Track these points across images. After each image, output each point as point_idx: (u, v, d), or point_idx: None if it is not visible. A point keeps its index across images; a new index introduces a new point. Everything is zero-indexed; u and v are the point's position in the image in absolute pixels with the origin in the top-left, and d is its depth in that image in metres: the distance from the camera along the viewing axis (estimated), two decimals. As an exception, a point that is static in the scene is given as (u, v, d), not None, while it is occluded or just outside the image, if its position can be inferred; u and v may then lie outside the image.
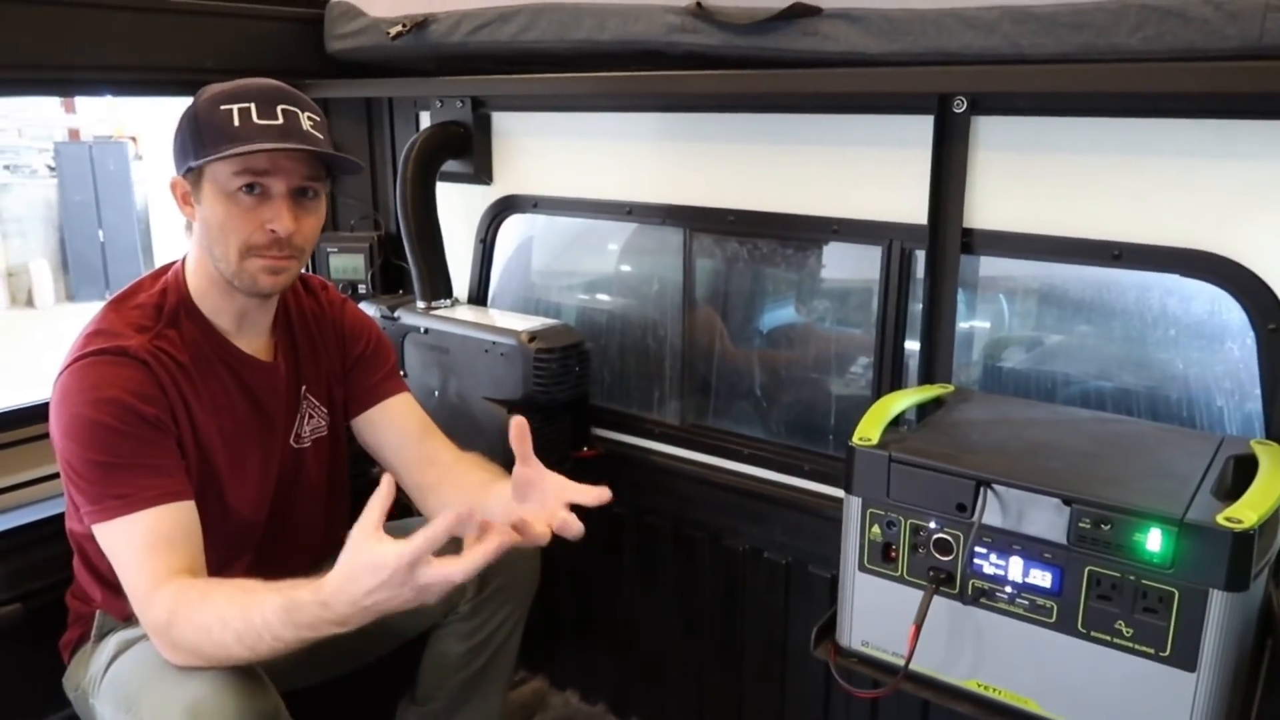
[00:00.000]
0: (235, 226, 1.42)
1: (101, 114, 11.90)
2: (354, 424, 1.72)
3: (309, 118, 1.44)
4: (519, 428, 1.36)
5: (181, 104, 1.48)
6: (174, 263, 1.55)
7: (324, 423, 1.67)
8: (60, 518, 1.61)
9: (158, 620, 1.31)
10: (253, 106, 1.40)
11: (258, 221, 1.42)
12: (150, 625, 1.33)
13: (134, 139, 11.13)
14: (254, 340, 1.57)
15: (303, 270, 1.59)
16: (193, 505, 1.41)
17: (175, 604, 1.30)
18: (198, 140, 1.41)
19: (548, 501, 1.35)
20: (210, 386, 1.50)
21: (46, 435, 1.91)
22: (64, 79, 1.92)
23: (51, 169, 11.06)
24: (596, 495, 1.33)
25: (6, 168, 11.24)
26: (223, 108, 1.40)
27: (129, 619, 1.54)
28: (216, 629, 1.27)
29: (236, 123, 1.39)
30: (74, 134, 11.91)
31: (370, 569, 1.18)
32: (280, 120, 1.40)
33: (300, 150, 1.41)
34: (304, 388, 1.64)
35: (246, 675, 1.33)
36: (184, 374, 1.46)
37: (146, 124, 10.73)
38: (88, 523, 1.38)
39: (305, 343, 1.65)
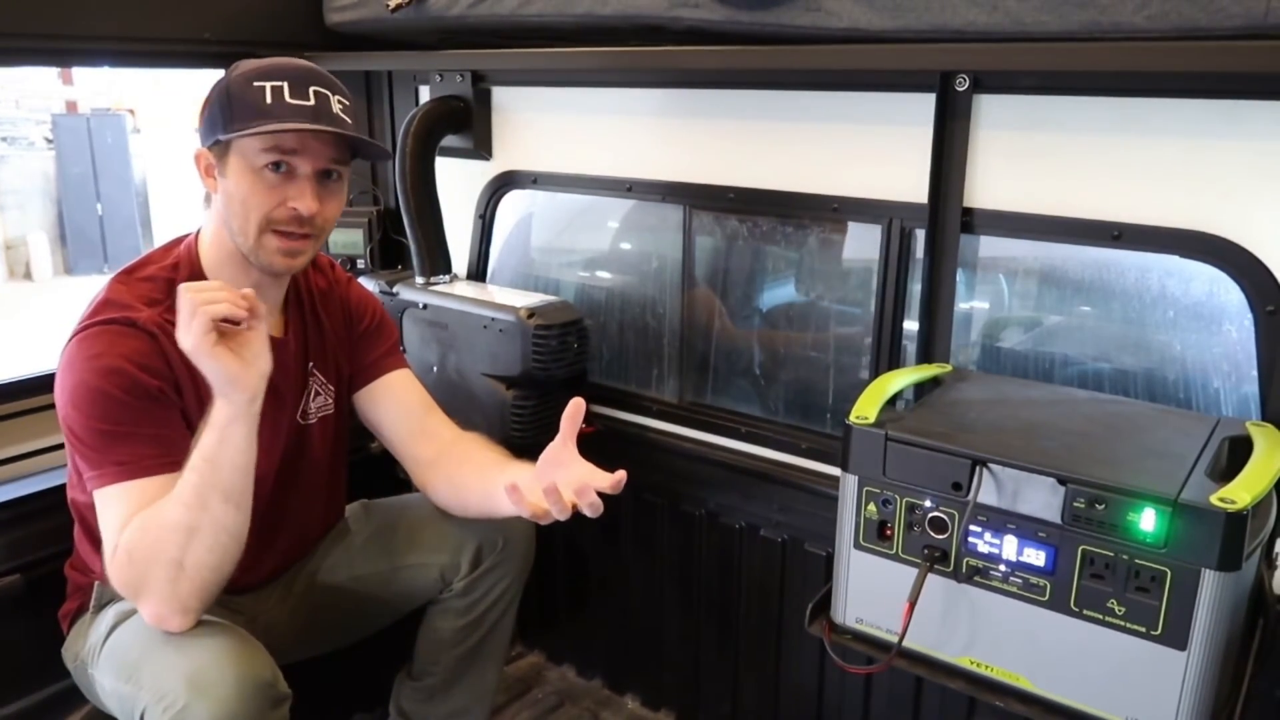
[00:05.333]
0: (258, 202, 1.42)
1: (99, 86, 11.81)
2: (355, 399, 1.73)
3: (339, 101, 1.45)
4: (576, 406, 1.40)
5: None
6: (186, 236, 1.55)
7: (330, 399, 1.68)
8: (60, 489, 1.62)
9: (119, 569, 1.34)
10: (286, 85, 1.40)
11: (280, 198, 1.43)
12: (118, 578, 1.36)
13: (132, 112, 11.06)
14: (266, 317, 1.57)
15: (314, 256, 1.59)
16: None
17: (129, 533, 1.33)
18: (228, 114, 1.41)
19: (573, 483, 1.37)
20: None
21: (46, 407, 1.92)
22: (61, 49, 1.90)
23: (49, 141, 10.98)
24: (616, 480, 1.36)
25: (4, 139, 11.16)
26: (256, 84, 1.40)
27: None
28: (156, 521, 1.32)
29: (269, 100, 1.39)
30: (71, 106, 11.83)
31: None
32: (312, 101, 1.41)
33: (329, 132, 1.42)
34: (311, 364, 1.64)
35: (246, 645, 1.34)
36: None
37: (144, 97, 10.67)
38: (90, 488, 1.39)
39: (314, 320, 1.66)
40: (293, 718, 1.38)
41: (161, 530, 1.31)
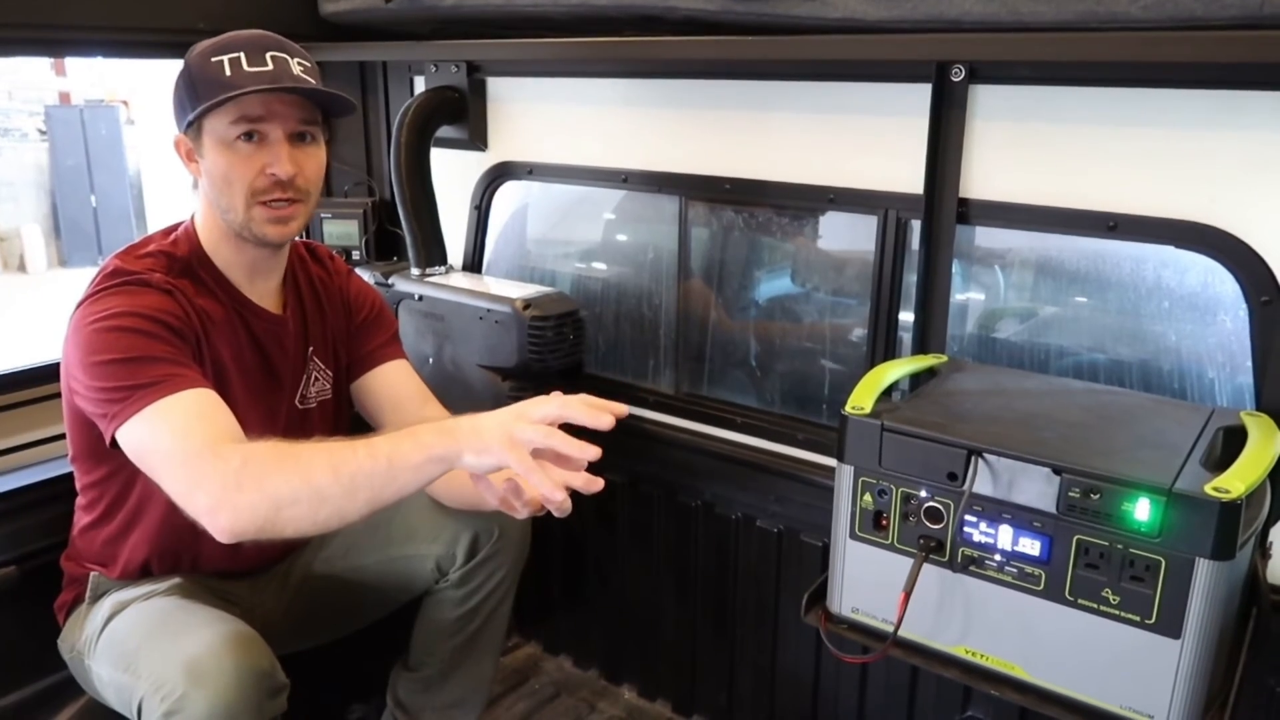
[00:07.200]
0: (237, 175, 1.43)
1: (93, 77, 11.77)
2: (352, 389, 1.73)
3: (299, 63, 1.45)
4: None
5: (174, 66, 1.48)
6: (182, 222, 1.56)
7: (328, 385, 1.68)
8: (55, 481, 1.62)
9: (227, 465, 1.23)
10: (242, 55, 1.41)
11: (258, 167, 1.43)
12: (215, 473, 1.23)
13: (125, 103, 11.03)
14: (265, 294, 1.58)
15: (308, 221, 1.57)
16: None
17: (254, 448, 1.26)
18: (193, 94, 1.42)
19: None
20: (225, 334, 1.50)
21: (40, 399, 1.92)
22: (54, 39, 1.89)
23: (42, 133, 10.95)
24: (588, 481, 1.26)
25: (-3, 131, 11.15)
26: (213, 60, 1.41)
27: (123, 580, 1.55)
28: (307, 458, 1.23)
29: (228, 73, 1.40)
30: (65, 97, 11.78)
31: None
32: (270, 66, 1.42)
33: (292, 92, 1.42)
34: (311, 349, 1.65)
35: (244, 635, 1.34)
36: (203, 316, 1.47)
37: (138, 88, 10.64)
38: (113, 429, 1.31)
39: (313, 306, 1.67)
40: (290, 708, 1.38)
41: (293, 476, 1.22)
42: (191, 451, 1.27)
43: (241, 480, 1.23)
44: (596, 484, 1.22)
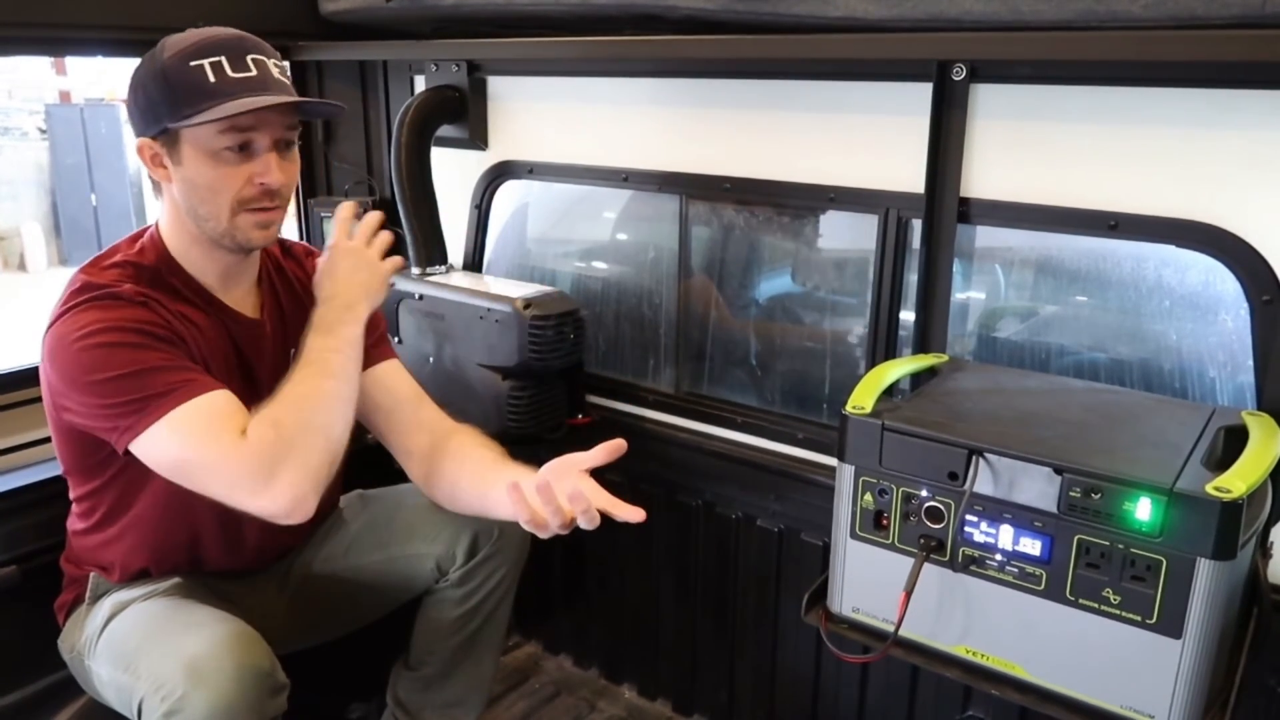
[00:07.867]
0: (225, 185, 1.39)
1: (93, 76, 11.76)
2: None
3: (275, 65, 1.42)
4: (617, 448, 1.42)
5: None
6: (147, 228, 1.53)
7: None
8: (54, 481, 1.62)
9: (262, 442, 1.32)
10: (224, 60, 1.36)
11: (246, 176, 1.40)
12: (253, 460, 1.31)
13: (125, 101, 11.02)
14: (241, 299, 1.56)
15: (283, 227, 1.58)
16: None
17: (270, 414, 1.35)
18: (172, 100, 1.35)
19: (570, 491, 1.35)
20: (207, 339, 1.48)
21: (39, 399, 1.92)
22: (53, 39, 1.89)
23: (42, 131, 10.94)
24: (633, 513, 1.38)
25: (-3, 130, 11.14)
26: (193, 64, 1.35)
27: (122, 581, 1.55)
28: (308, 384, 1.40)
29: (212, 79, 1.34)
30: (65, 96, 11.78)
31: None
32: (255, 72, 1.37)
33: (292, 104, 1.39)
34: (292, 351, 1.63)
35: (244, 634, 1.34)
36: (184, 321, 1.44)
37: (138, 86, 10.60)
38: (125, 442, 1.32)
39: (291, 307, 1.63)
40: (291, 707, 1.38)
41: (313, 398, 1.38)
42: (224, 445, 1.32)
43: (285, 446, 1.33)
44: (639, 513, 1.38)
